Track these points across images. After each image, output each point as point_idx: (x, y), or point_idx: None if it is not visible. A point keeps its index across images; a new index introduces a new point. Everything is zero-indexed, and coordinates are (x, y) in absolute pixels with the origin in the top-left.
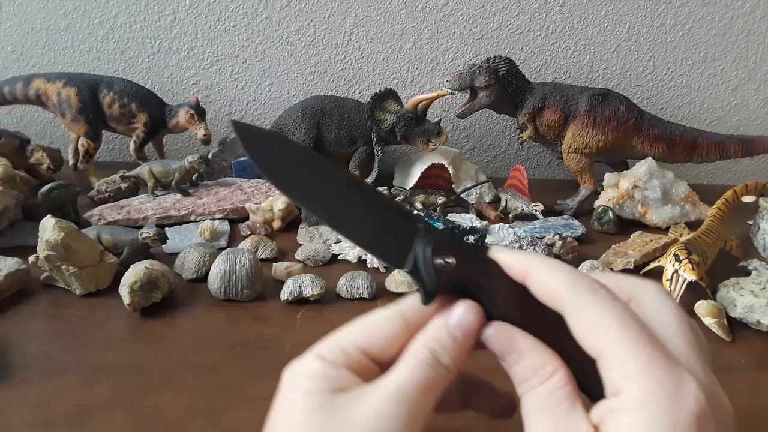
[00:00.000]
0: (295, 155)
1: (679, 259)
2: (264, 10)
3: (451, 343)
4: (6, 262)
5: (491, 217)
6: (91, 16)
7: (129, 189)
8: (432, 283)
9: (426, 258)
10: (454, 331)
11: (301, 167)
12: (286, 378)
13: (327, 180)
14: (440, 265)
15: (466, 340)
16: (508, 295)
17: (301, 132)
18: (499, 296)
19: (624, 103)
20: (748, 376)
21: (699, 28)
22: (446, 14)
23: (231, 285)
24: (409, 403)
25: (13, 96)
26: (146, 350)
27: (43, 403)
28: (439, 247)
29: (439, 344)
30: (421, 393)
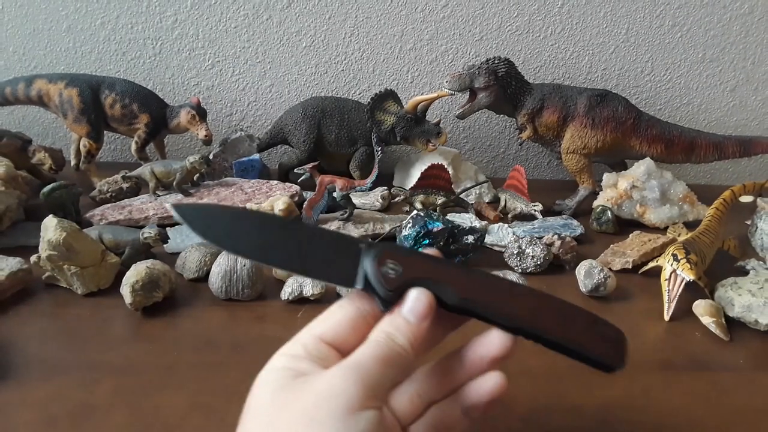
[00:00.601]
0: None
1: (678, 259)
2: (265, 12)
3: (405, 325)
4: (8, 261)
5: (490, 217)
6: (93, 17)
7: (131, 189)
8: (384, 291)
9: (373, 271)
10: (407, 315)
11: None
12: (256, 380)
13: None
14: (388, 274)
15: (419, 322)
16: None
17: (302, 132)
18: (449, 286)
19: (622, 104)
20: (746, 376)
21: (697, 29)
22: (446, 15)
23: (232, 284)
24: (361, 370)
25: (15, 96)
26: (147, 350)
27: (44, 402)
28: (383, 258)
29: (393, 327)
30: (376, 363)
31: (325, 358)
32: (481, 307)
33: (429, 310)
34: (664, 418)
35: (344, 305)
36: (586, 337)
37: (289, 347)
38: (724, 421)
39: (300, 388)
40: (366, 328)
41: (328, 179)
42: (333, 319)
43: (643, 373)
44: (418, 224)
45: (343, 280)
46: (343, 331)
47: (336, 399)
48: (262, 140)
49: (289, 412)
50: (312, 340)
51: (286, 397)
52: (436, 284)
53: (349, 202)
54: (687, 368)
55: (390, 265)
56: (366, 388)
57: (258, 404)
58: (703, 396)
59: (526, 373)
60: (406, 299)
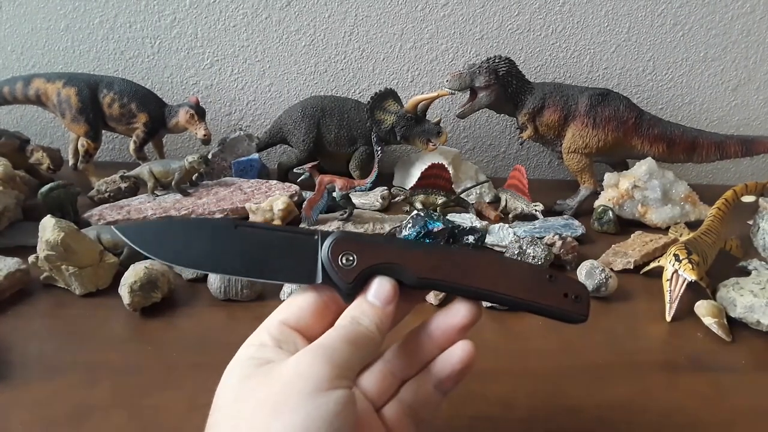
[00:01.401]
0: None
1: (679, 259)
2: (264, 10)
3: (370, 308)
4: (6, 262)
5: (491, 217)
6: (91, 16)
7: (129, 189)
8: (342, 284)
9: (329, 265)
10: (371, 299)
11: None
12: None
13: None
14: (344, 265)
15: (384, 305)
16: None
17: (301, 132)
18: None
19: (624, 103)
20: (747, 376)
21: (699, 28)
22: (446, 14)
23: (231, 285)
24: (327, 350)
25: (13, 96)
26: (146, 350)
27: (43, 403)
28: (338, 249)
29: (359, 311)
30: (343, 343)
31: (289, 342)
32: (441, 282)
33: (393, 295)
34: (665, 419)
35: (306, 291)
36: (546, 295)
37: (254, 336)
38: (726, 422)
39: (265, 375)
40: (329, 314)
41: (327, 179)
42: (295, 304)
43: (645, 373)
44: (418, 224)
45: (303, 278)
46: (305, 315)
47: (304, 380)
48: (261, 140)
49: (255, 400)
50: (275, 325)
51: (251, 386)
52: (394, 268)
53: (348, 202)
54: (688, 369)
55: (345, 256)
56: (334, 368)
57: (224, 397)
58: (705, 396)
59: (526, 373)
60: (369, 286)
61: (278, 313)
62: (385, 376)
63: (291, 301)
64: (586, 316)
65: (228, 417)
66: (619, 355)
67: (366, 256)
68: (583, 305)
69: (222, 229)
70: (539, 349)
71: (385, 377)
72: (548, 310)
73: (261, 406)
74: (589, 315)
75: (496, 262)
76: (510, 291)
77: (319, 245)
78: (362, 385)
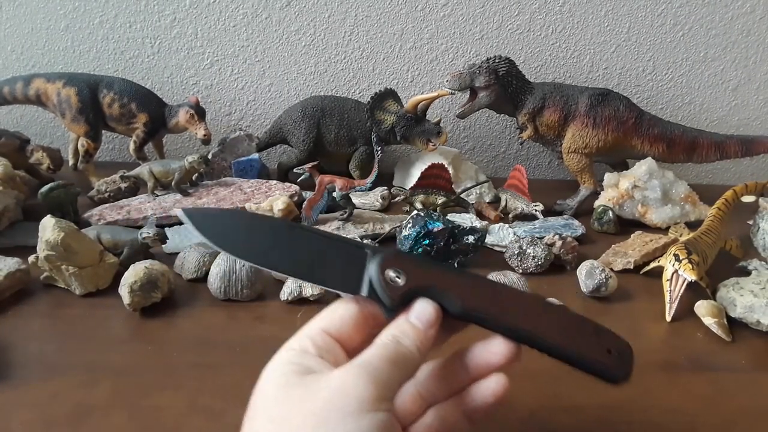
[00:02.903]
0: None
1: (679, 259)
2: (264, 10)
3: (412, 330)
4: (6, 262)
5: (491, 217)
6: (91, 16)
7: (129, 189)
8: (388, 300)
9: (377, 280)
10: (414, 321)
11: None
12: (263, 373)
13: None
14: (392, 282)
15: (425, 328)
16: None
17: (301, 132)
18: (453, 294)
19: (624, 103)
20: (748, 376)
21: (699, 28)
22: (446, 14)
23: (231, 285)
24: (371, 369)
25: (13, 96)
26: (146, 350)
27: (43, 403)
28: (387, 266)
29: (400, 331)
30: (385, 363)
31: (331, 351)
32: (484, 316)
33: (436, 319)
34: (664, 419)
35: (347, 302)
36: (589, 348)
37: (295, 341)
38: (726, 422)
39: (309, 386)
40: (367, 328)
41: (327, 179)
42: (336, 314)
43: (644, 373)
44: (418, 224)
45: (348, 287)
46: (346, 327)
47: (348, 398)
48: (261, 140)
49: (299, 411)
50: (318, 333)
51: (295, 395)
52: (440, 293)
53: (348, 202)
54: (688, 369)
55: (394, 273)
56: (377, 389)
57: (265, 400)
58: (705, 396)
59: (526, 373)
60: (413, 307)
61: (320, 320)
62: (414, 397)
63: (333, 311)
64: (628, 377)
65: (268, 422)
66: None
67: (414, 276)
68: (626, 364)
69: (279, 228)
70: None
71: (414, 399)
72: (589, 364)
73: (306, 417)
74: (630, 375)
75: (542, 305)
76: (552, 337)
77: (368, 259)
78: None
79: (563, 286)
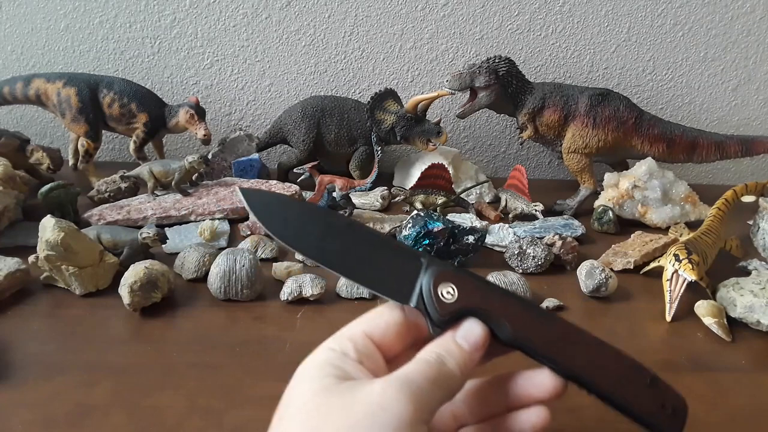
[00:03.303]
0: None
1: (679, 259)
2: (264, 10)
3: (457, 350)
4: (6, 262)
5: (491, 217)
6: (91, 16)
7: (129, 189)
8: (437, 315)
9: (429, 292)
10: (460, 341)
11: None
12: (298, 369)
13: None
14: (443, 298)
15: (471, 350)
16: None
17: (301, 132)
18: (505, 320)
19: (624, 103)
20: (748, 376)
21: (699, 28)
22: (446, 14)
23: (231, 285)
24: (413, 387)
25: (13, 96)
26: (146, 350)
27: (43, 403)
28: (441, 279)
29: (445, 350)
30: (426, 382)
31: (371, 357)
32: (534, 347)
33: (483, 343)
34: None
35: (394, 309)
36: (643, 399)
37: (336, 341)
38: (726, 422)
39: (347, 395)
40: (409, 338)
41: (327, 179)
42: (382, 319)
43: None
44: (418, 224)
45: (398, 295)
46: (390, 334)
47: (387, 414)
48: (261, 140)
49: (335, 420)
50: (360, 336)
51: (332, 402)
52: (491, 315)
53: (349, 202)
54: (688, 369)
55: (446, 288)
56: (417, 408)
57: (300, 401)
58: (705, 396)
59: None
60: (461, 326)
61: (364, 323)
62: (446, 416)
63: (378, 316)
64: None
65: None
66: None
67: (468, 295)
68: (678, 422)
69: (335, 223)
70: None
71: (446, 418)
72: (640, 417)
73: (342, 427)
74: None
75: (599, 345)
76: (605, 383)
77: (423, 270)
78: None
79: (563, 286)
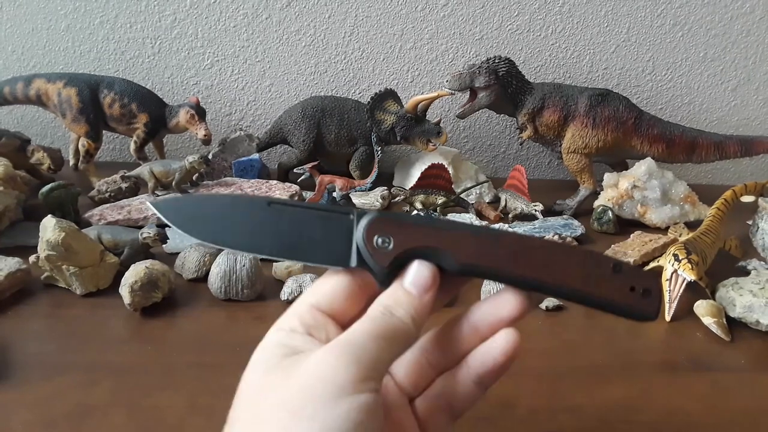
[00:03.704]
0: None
1: (679, 259)
2: (264, 11)
3: (405, 297)
4: (6, 262)
5: (491, 217)
6: (92, 17)
7: (129, 189)
8: (378, 268)
9: (364, 246)
10: (409, 288)
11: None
12: (251, 358)
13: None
14: (380, 247)
15: (421, 294)
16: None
17: (301, 132)
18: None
19: (623, 104)
20: (747, 376)
21: (698, 28)
22: (446, 14)
23: (231, 285)
24: (356, 348)
25: (13, 96)
26: (146, 350)
27: (43, 403)
28: (373, 230)
29: (393, 300)
30: (372, 339)
31: (320, 328)
32: (486, 269)
33: (432, 283)
34: (664, 419)
35: (338, 273)
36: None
37: (284, 320)
38: (725, 422)
39: (289, 369)
40: (363, 299)
41: (327, 179)
42: (326, 286)
43: (644, 373)
44: None
45: (336, 260)
46: (338, 300)
47: (324, 382)
48: (261, 140)
49: (275, 398)
50: (306, 309)
51: (272, 382)
52: (435, 252)
53: (348, 202)
54: (688, 368)
55: (381, 237)
56: (360, 369)
57: (246, 389)
58: (704, 396)
59: (526, 373)
60: (406, 271)
61: (309, 296)
62: (420, 365)
63: (322, 284)
64: (656, 314)
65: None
66: (619, 355)
67: (403, 238)
68: (652, 301)
69: (256, 207)
70: (539, 349)
71: (420, 367)
72: (611, 305)
73: (278, 408)
74: (659, 312)
75: (552, 247)
76: (566, 281)
77: (354, 225)
78: (396, 375)
79: None
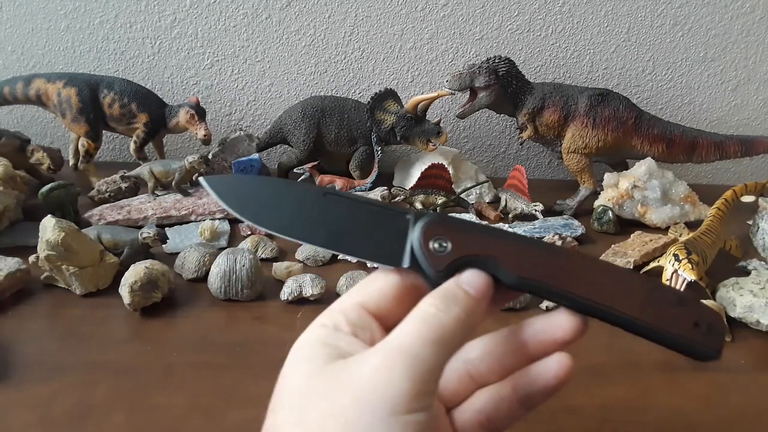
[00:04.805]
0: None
1: (679, 259)
2: (264, 11)
3: (463, 295)
4: (6, 262)
5: (491, 217)
6: (92, 17)
7: (129, 189)
8: (432, 272)
9: (420, 249)
10: (464, 286)
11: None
12: (290, 352)
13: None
14: (436, 251)
15: (476, 296)
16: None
17: (301, 132)
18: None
19: (623, 103)
20: (747, 376)
21: (699, 28)
22: (446, 14)
23: (231, 285)
24: (411, 358)
25: (13, 96)
26: (146, 350)
27: (43, 403)
28: (431, 233)
29: (450, 296)
30: (426, 346)
31: (366, 329)
32: (543, 286)
33: (487, 290)
34: (664, 419)
35: (388, 273)
36: (672, 320)
37: (328, 316)
38: (725, 422)
39: (338, 376)
40: (411, 301)
41: (327, 179)
42: (375, 286)
43: (644, 373)
44: None
45: (388, 258)
46: (386, 300)
47: (378, 396)
48: (261, 140)
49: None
50: (353, 308)
51: (320, 387)
52: (491, 262)
53: None
54: (688, 368)
55: (438, 241)
56: (416, 383)
57: (289, 389)
58: (704, 396)
59: None
60: (461, 274)
61: (356, 294)
62: (462, 377)
63: (371, 283)
64: (719, 353)
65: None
66: (619, 355)
67: (462, 243)
68: (716, 338)
69: (310, 196)
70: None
71: (462, 378)
72: (672, 340)
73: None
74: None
75: (614, 271)
76: (627, 309)
77: (411, 226)
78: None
79: None
